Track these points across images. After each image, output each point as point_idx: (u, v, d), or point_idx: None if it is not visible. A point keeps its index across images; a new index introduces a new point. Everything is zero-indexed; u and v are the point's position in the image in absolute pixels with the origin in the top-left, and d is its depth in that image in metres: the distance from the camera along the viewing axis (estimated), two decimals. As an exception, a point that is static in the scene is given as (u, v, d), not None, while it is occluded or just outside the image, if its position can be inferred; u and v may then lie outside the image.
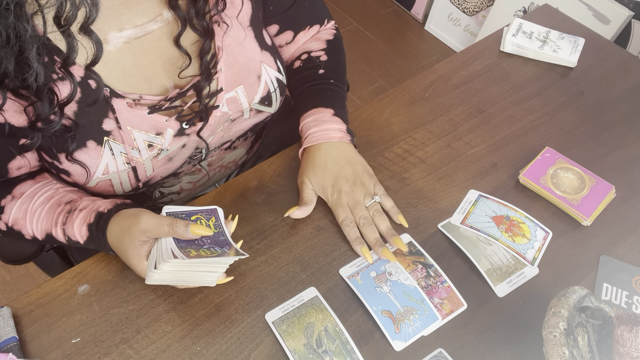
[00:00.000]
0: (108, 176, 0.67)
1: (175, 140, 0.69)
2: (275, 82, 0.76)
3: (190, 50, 0.67)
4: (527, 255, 0.71)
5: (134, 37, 0.63)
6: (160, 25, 0.65)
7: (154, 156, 0.69)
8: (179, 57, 0.67)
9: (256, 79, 0.73)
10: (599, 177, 0.78)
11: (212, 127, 0.72)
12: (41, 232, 0.67)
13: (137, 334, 0.63)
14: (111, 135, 0.65)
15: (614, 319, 0.55)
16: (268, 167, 0.81)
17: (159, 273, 0.59)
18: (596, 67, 0.98)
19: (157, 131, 0.67)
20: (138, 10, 0.63)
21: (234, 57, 0.70)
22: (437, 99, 0.91)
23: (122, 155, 0.66)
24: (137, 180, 0.70)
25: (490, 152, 0.84)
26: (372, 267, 0.69)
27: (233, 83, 0.71)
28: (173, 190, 0.82)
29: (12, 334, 0.61)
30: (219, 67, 0.69)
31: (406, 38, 2.33)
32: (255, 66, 0.73)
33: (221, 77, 0.70)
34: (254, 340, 0.63)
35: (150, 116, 0.66)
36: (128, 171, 0.68)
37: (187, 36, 0.66)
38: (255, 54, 0.73)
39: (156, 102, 0.67)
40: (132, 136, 0.66)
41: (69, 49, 0.55)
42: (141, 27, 0.63)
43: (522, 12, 1.91)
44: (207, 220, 0.63)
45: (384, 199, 0.75)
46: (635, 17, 1.65)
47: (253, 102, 0.74)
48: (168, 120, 0.67)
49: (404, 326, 0.64)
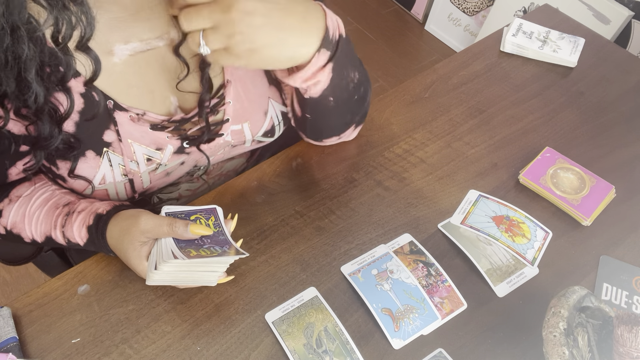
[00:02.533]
0: (104, 186, 0.67)
1: (174, 157, 0.70)
2: (280, 116, 0.76)
3: (191, 62, 0.66)
4: (527, 255, 0.71)
5: (139, 51, 0.63)
6: (166, 42, 0.65)
7: (152, 170, 0.69)
8: (182, 72, 0.67)
9: (262, 114, 0.73)
10: (599, 177, 0.78)
11: (213, 149, 0.72)
12: (40, 235, 0.67)
13: (137, 334, 0.63)
14: (111, 147, 0.65)
15: (614, 319, 0.55)
16: (268, 167, 0.81)
17: (159, 274, 0.59)
18: (596, 67, 0.98)
19: (158, 146, 0.67)
20: (145, 26, 0.63)
21: (243, 91, 0.70)
22: (437, 99, 0.91)
23: (120, 167, 0.66)
24: (134, 192, 0.70)
25: (490, 152, 0.84)
26: (374, 265, 0.69)
27: (240, 117, 0.72)
28: (172, 196, 0.82)
29: (12, 334, 0.61)
30: (227, 100, 0.69)
31: (406, 38, 2.33)
32: (263, 102, 0.73)
33: (228, 108, 0.70)
34: (254, 340, 0.63)
35: (152, 131, 0.66)
36: (125, 182, 0.68)
37: (189, 49, 0.65)
38: (264, 90, 0.73)
39: (159, 121, 0.67)
40: (132, 149, 0.66)
41: (66, 66, 0.56)
42: (147, 42, 0.63)
43: (522, 12, 1.91)
44: (206, 220, 0.63)
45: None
46: (635, 17, 1.65)
47: (257, 135, 0.75)
48: (170, 137, 0.68)
49: (404, 324, 0.64)
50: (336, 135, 0.78)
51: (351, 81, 0.67)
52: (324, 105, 0.68)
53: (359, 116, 0.77)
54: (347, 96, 0.69)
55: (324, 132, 0.78)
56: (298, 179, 0.79)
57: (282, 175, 0.80)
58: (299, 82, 0.63)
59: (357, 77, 0.68)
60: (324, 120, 0.73)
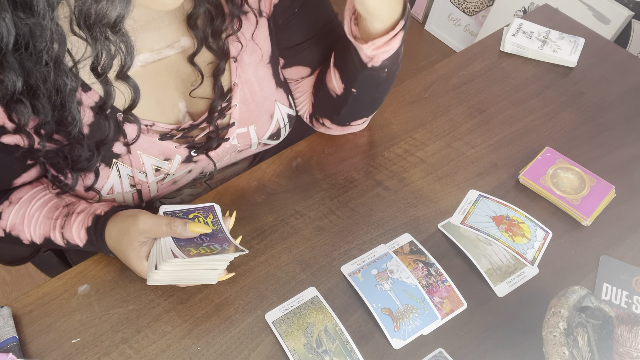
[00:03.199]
0: (112, 195, 0.68)
1: (182, 166, 0.70)
2: (286, 118, 0.77)
3: (204, 70, 0.67)
4: (527, 255, 0.71)
5: (151, 61, 0.64)
6: (177, 51, 0.65)
7: (160, 180, 0.70)
8: (193, 78, 0.67)
9: (269, 117, 0.74)
10: (599, 177, 0.78)
11: (220, 156, 0.73)
12: (39, 237, 0.67)
13: (137, 334, 0.63)
14: (120, 158, 0.65)
15: (614, 319, 0.55)
16: (268, 167, 0.81)
17: (160, 273, 0.59)
18: (596, 67, 0.98)
19: (166, 157, 0.68)
20: (156, 35, 0.63)
21: (250, 94, 0.71)
22: (437, 99, 0.91)
23: (128, 178, 0.67)
24: (141, 201, 0.71)
25: (490, 152, 0.84)
26: (374, 265, 0.69)
27: (246, 120, 0.72)
28: (174, 201, 0.82)
29: (12, 334, 0.61)
30: (233, 103, 0.70)
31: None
32: (269, 105, 0.73)
33: (235, 112, 0.70)
34: (254, 340, 0.63)
35: (160, 142, 0.67)
36: (133, 192, 0.69)
37: (202, 56, 0.66)
38: (270, 92, 0.73)
39: (168, 130, 0.67)
40: (141, 160, 0.66)
41: (106, 95, 0.56)
42: (158, 52, 0.64)
43: (522, 12, 1.91)
44: (204, 218, 0.63)
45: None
46: (635, 17, 1.65)
47: (262, 138, 0.76)
48: (178, 147, 0.68)
49: (404, 324, 0.64)
50: (366, 116, 0.79)
51: (401, 53, 0.69)
52: (376, 78, 0.69)
53: (381, 100, 0.78)
54: (395, 69, 0.70)
55: (361, 111, 0.78)
56: (298, 179, 0.79)
57: (282, 175, 0.80)
58: (371, 49, 0.64)
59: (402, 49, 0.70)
60: (369, 94, 0.73)
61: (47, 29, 0.47)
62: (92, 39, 0.49)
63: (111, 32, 0.49)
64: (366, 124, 0.84)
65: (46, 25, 0.47)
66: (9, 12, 0.45)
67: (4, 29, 0.46)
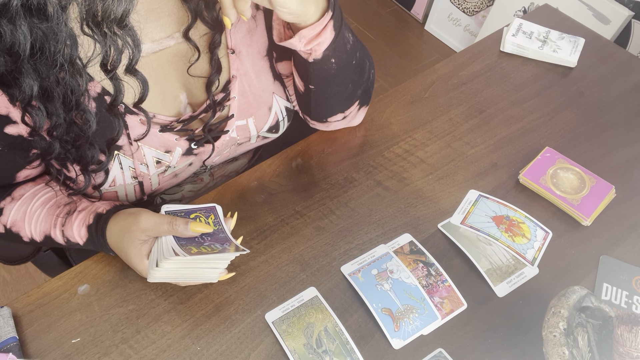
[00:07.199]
0: (114, 188, 0.68)
1: (182, 159, 0.70)
2: (284, 111, 0.77)
3: (200, 43, 0.66)
4: (527, 255, 0.71)
5: (151, 52, 0.64)
6: (177, 41, 0.65)
7: (161, 172, 0.70)
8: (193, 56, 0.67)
9: (267, 110, 0.74)
10: (599, 177, 0.78)
11: (219, 149, 0.73)
12: (40, 234, 0.67)
13: (137, 334, 0.63)
14: (122, 150, 0.65)
15: (614, 319, 0.55)
16: (268, 167, 0.81)
17: (161, 271, 0.59)
18: (596, 67, 0.98)
19: (167, 149, 0.68)
20: (157, 26, 0.63)
21: (248, 86, 0.71)
22: (437, 99, 0.91)
23: (130, 170, 0.67)
24: (143, 194, 0.71)
25: (490, 152, 0.84)
26: (374, 265, 0.69)
27: (245, 112, 0.72)
28: (175, 197, 0.83)
29: (12, 334, 0.61)
30: (232, 95, 0.70)
31: (406, 38, 2.32)
32: (267, 97, 0.73)
33: (233, 104, 0.71)
34: (254, 340, 0.63)
35: (161, 134, 0.67)
36: (135, 185, 0.69)
37: (196, 30, 0.66)
38: (268, 85, 0.73)
39: (168, 122, 0.67)
40: (142, 152, 0.66)
41: (116, 91, 0.56)
42: (159, 42, 0.64)
43: (522, 12, 1.91)
44: (206, 218, 0.64)
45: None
46: (635, 17, 1.65)
47: (261, 131, 0.75)
48: (178, 139, 0.68)
49: (404, 324, 0.64)
50: (341, 112, 0.77)
51: (347, 42, 0.68)
52: (326, 71, 0.69)
53: (361, 90, 0.76)
54: (347, 58, 0.69)
55: (328, 107, 0.76)
56: (298, 179, 0.79)
57: (282, 175, 0.80)
58: (303, 43, 0.63)
59: (352, 38, 0.69)
60: (327, 88, 0.73)
61: (60, 31, 0.48)
62: (100, 36, 0.50)
63: (118, 28, 0.50)
64: (357, 120, 0.82)
65: (59, 28, 0.47)
66: (25, 19, 0.46)
67: (21, 35, 0.46)
